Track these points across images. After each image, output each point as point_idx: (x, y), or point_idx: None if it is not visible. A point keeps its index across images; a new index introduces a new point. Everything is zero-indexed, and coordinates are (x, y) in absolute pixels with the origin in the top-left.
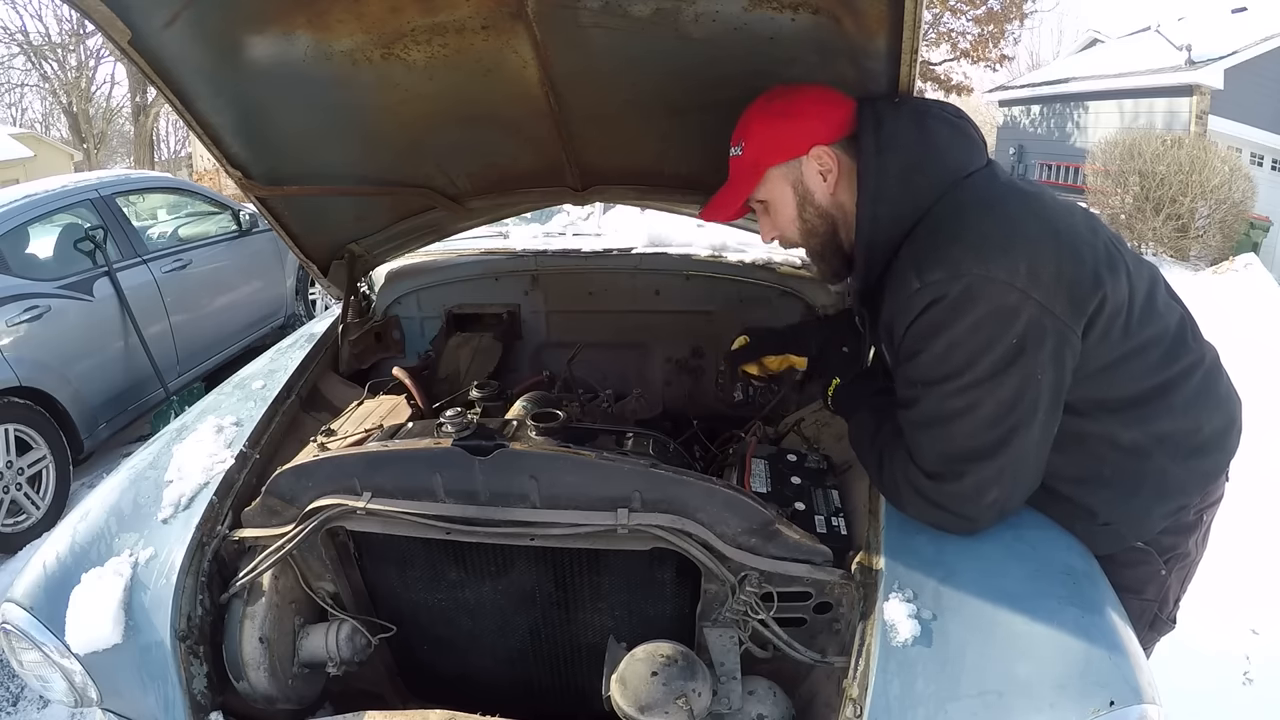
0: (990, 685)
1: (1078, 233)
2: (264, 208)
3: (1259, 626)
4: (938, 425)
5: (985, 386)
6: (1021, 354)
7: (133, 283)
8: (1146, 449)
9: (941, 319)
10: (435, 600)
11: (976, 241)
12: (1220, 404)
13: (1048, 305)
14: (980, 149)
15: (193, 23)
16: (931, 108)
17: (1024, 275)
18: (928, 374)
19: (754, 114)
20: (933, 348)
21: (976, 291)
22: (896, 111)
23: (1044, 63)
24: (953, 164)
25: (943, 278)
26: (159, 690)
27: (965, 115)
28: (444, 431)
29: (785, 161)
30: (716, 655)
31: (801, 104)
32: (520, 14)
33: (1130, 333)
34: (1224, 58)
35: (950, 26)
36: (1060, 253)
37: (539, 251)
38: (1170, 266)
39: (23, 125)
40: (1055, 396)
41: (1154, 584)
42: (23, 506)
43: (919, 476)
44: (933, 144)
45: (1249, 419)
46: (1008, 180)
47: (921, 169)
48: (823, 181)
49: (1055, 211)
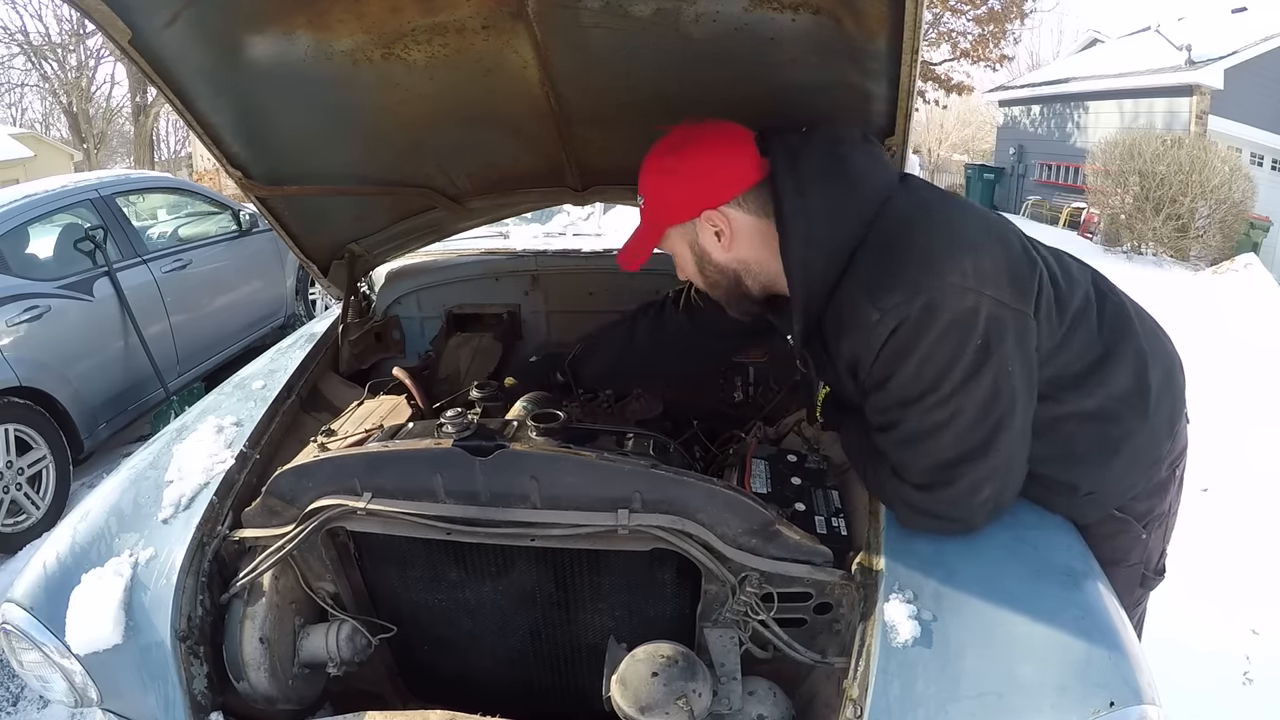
0: (990, 686)
1: (996, 223)
2: (264, 208)
3: (1259, 626)
4: (923, 440)
5: (962, 393)
6: (989, 352)
7: (133, 283)
8: (1112, 411)
9: (908, 340)
10: (435, 600)
11: (921, 256)
12: (1159, 345)
13: (998, 297)
14: (891, 168)
15: (193, 23)
16: (844, 137)
17: (972, 274)
18: (904, 395)
19: (647, 167)
20: (904, 369)
21: (937, 303)
22: (810, 146)
23: (1044, 63)
24: (875, 189)
25: (901, 300)
26: (159, 690)
27: (870, 137)
28: (444, 432)
29: (680, 223)
30: (717, 656)
31: (691, 161)
32: (520, 14)
33: (1063, 303)
34: (1224, 58)
35: (950, 26)
36: (994, 244)
37: (539, 251)
38: (1170, 266)
39: (23, 125)
40: (1028, 383)
41: (1136, 549)
42: (23, 506)
43: (909, 492)
44: (852, 174)
45: (1248, 419)
46: (924, 191)
47: (845, 202)
48: (717, 241)
49: (973, 210)
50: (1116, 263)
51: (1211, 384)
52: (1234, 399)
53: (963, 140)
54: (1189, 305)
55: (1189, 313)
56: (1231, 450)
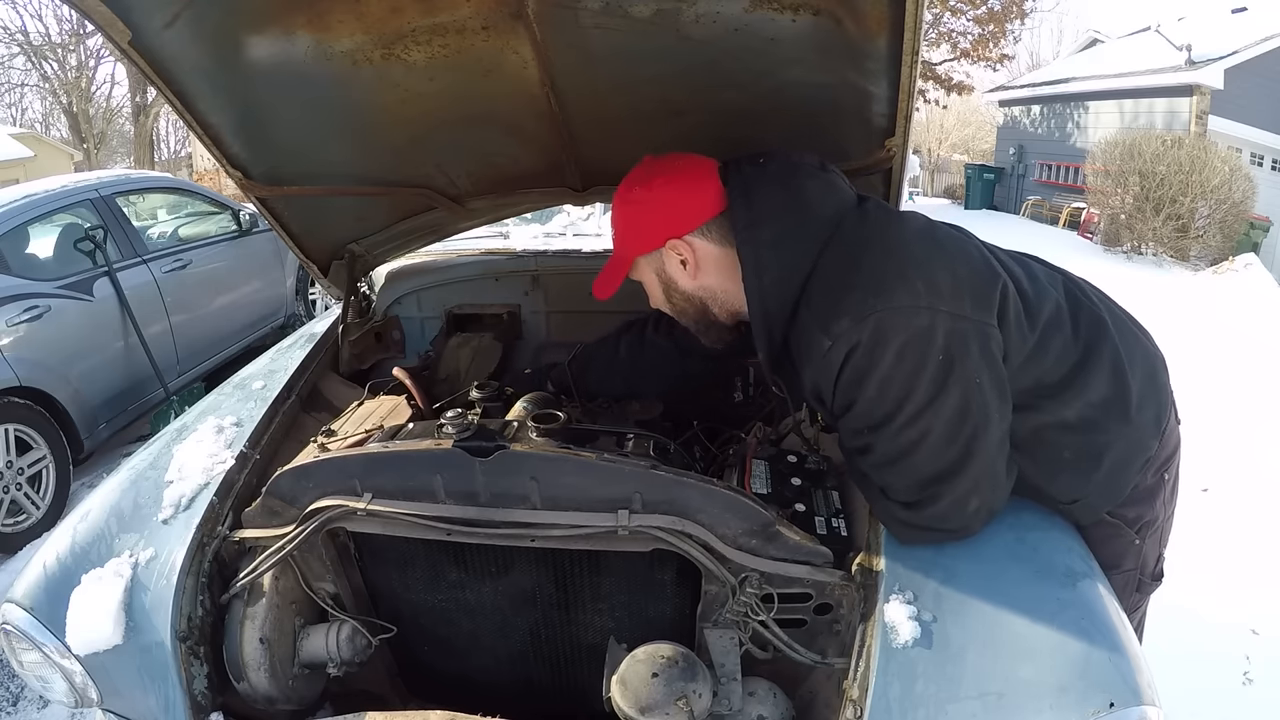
0: (990, 687)
1: (955, 237)
2: (264, 208)
3: (1259, 626)
4: (898, 461)
5: (931, 410)
6: (952, 367)
7: (133, 283)
8: (1094, 419)
9: (864, 364)
10: (436, 601)
11: (869, 280)
12: (1136, 345)
13: (956, 311)
14: (847, 192)
15: (193, 23)
16: (799, 166)
17: (924, 293)
18: (869, 419)
19: (618, 199)
20: (865, 393)
21: (886, 325)
22: (763, 177)
23: (1044, 63)
24: (825, 217)
25: (850, 325)
26: (159, 691)
27: (827, 165)
28: (444, 432)
29: (647, 252)
30: (717, 656)
31: (656, 192)
32: (520, 14)
33: (1032, 313)
34: (1224, 58)
35: (950, 26)
36: (949, 260)
37: (539, 252)
38: (1170, 267)
39: (23, 125)
40: (1000, 391)
41: (1130, 555)
42: (23, 506)
43: (897, 509)
44: (803, 204)
45: (1248, 419)
46: (878, 212)
47: (796, 232)
48: (683, 269)
49: (929, 227)
50: (1116, 263)
51: (1211, 384)
52: (1234, 399)
53: (963, 140)
54: (1189, 305)
55: (1189, 313)
56: (1231, 450)
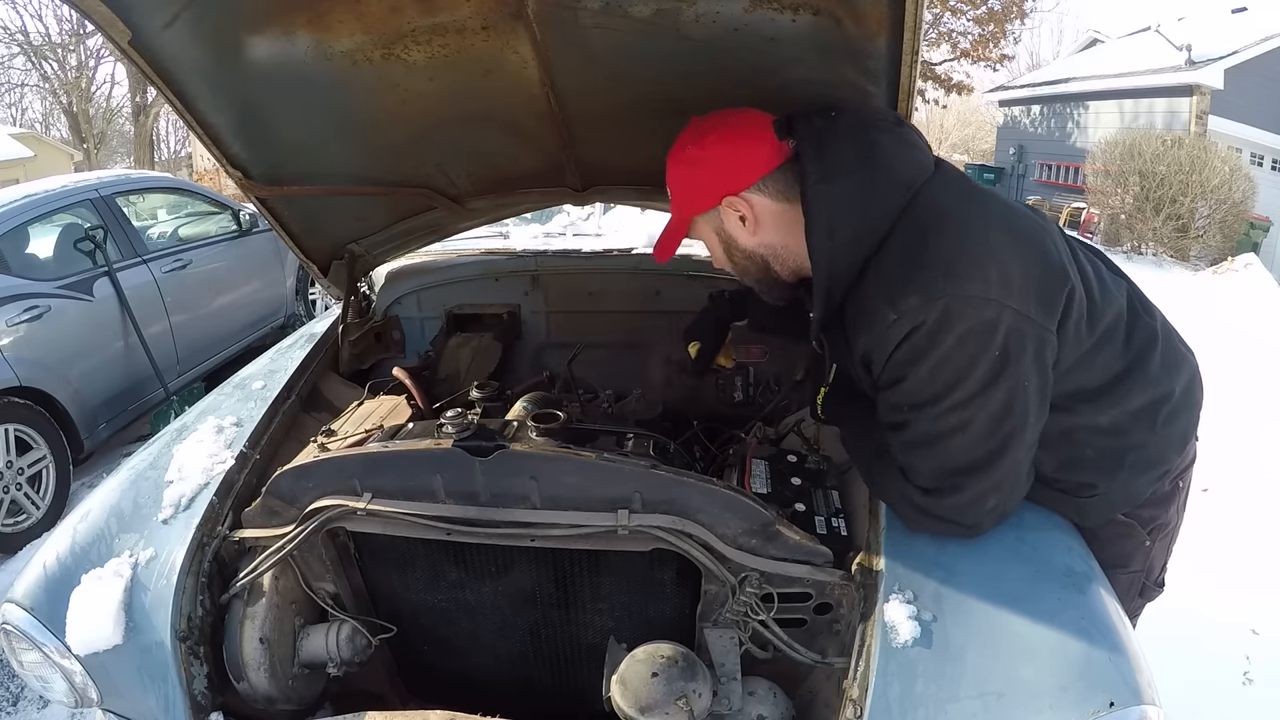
0: (990, 687)
1: (1035, 227)
2: (264, 208)
3: (1259, 626)
4: (932, 445)
5: (976, 402)
6: (1006, 364)
7: (133, 283)
8: (1124, 427)
9: (923, 345)
10: (435, 601)
11: (944, 261)
12: (1181, 363)
13: (1022, 310)
14: (926, 153)
15: (193, 23)
16: (873, 119)
17: (996, 284)
18: (915, 397)
19: (672, 160)
20: (918, 372)
21: (955, 311)
22: (834, 131)
23: (1044, 63)
24: (903, 179)
25: (918, 304)
26: (159, 691)
27: (904, 120)
28: (444, 432)
29: (704, 212)
30: (717, 656)
31: (709, 150)
32: (520, 14)
33: (1095, 319)
34: (1224, 58)
35: (950, 26)
36: (1025, 254)
37: (539, 252)
38: (1170, 266)
39: (23, 125)
40: (1042, 399)
41: (1139, 555)
42: (23, 506)
43: (915, 494)
44: (880, 161)
45: (1248, 420)
46: (959, 184)
47: (873, 192)
48: (742, 226)
49: (1011, 211)
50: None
51: (1211, 384)
52: (1234, 399)
53: (963, 140)
54: (1189, 305)
55: (1189, 313)
56: (1231, 450)
